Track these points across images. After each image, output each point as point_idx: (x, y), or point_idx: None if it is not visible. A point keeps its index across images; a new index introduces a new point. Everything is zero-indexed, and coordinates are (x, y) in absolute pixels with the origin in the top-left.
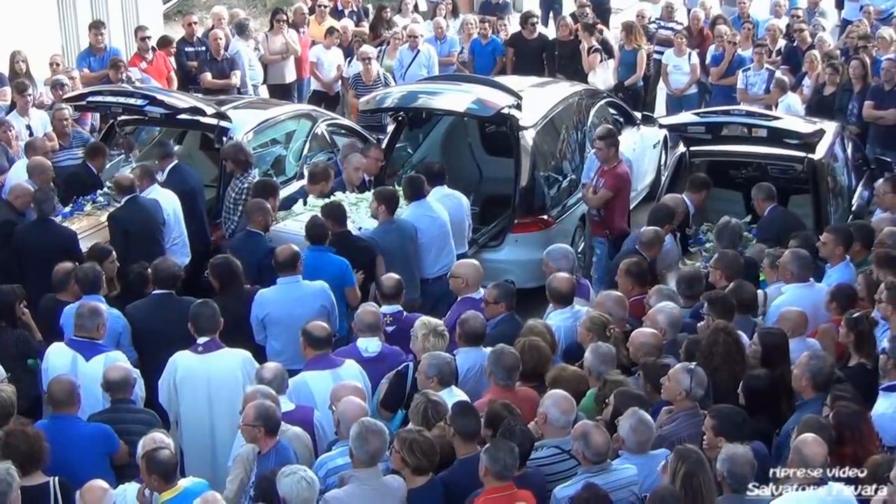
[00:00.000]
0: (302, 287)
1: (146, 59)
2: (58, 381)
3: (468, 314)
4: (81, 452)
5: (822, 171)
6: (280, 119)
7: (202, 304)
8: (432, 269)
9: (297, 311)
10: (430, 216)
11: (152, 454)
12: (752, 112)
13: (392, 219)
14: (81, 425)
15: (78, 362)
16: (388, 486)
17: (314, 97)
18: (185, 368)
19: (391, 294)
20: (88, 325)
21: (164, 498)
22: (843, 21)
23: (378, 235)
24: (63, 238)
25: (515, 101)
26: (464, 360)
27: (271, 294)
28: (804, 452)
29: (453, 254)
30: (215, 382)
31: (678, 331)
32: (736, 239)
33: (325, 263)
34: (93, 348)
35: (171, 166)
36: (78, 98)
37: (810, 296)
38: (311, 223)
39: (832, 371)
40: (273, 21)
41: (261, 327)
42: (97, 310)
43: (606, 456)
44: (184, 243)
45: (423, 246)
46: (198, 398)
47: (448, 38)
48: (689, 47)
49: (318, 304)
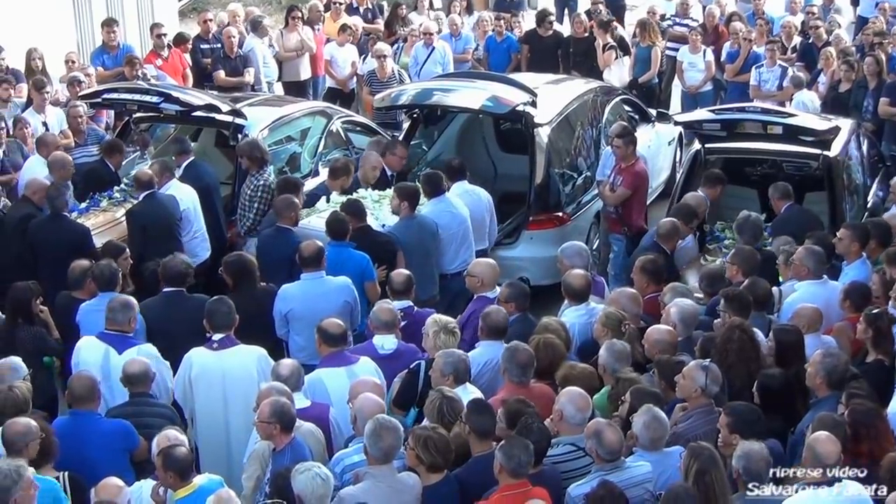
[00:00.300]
0: (326, 283)
1: (162, 57)
2: (78, 376)
3: (492, 308)
4: (101, 448)
5: (837, 168)
6: (295, 116)
7: (217, 301)
8: (451, 265)
9: (320, 306)
10: (450, 212)
11: (169, 451)
12: (767, 109)
13: (413, 215)
14: (101, 421)
15: (110, 356)
16: (403, 482)
17: (329, 94)
18: (200, 365)
19: (402, 290)
20: (120, 319)
21: (178, 496)
22: (858, 18)
23: (399, 231)
24: (76, 234)
25: (530, 98)
26: (483, 353)
27: (295, 289)
28: (817, 450)
29: (472, 249)
30: (230, 379)
31: (693, 328)
32: (758, 232)
33: (347, 259)
34: (124, 342)
35: (188, 162)
36: (93, 95)
37: (823, 293)
38: (332, 218)
39: (847, 369)
40: (288, 18)
41: (283, 322)
42: (129, 303)
43: (620, 454)
44: (203, 237)
45: (443, 242)
46: (213, 395)
47: (463, 35)
48: (703, 44)
49: (342, 299)
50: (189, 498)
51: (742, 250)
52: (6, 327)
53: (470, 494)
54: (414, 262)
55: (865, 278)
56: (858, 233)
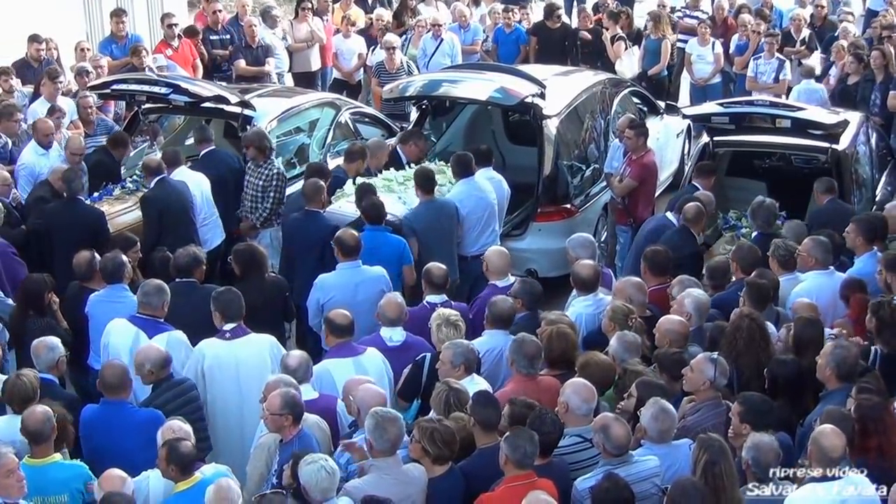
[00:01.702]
0: (363, 272)
1: (172, 47)
2: (110, 365)
3: (498, 297)
4: (134, 438)
5: (845, 161)
6: (304, 107)
7: (227, 291)
8: (472, 248)
9: (359, 295)
10: (477, 195)
11: (174, 444)
12: (775, 103)
13: (432, 198)
14: (134, 410)
15: (140, 339)
16: (408, 474)
17: (335, 85)
18: (212, 356)
19: (439, 283)
20: (155, 303)
21: (179, 488)
22: (867, 11)
23: (415, 215)
24: (91, 217)
25: (539, 89)
26: (486, 342)
27: (333, 279)
28: (822, 444)
29: (496, 233)
30: (244, 368)
31: (705, 318)
32: (771, 217)
33: (383, 243)
34: (156, 327)
35: (208, 150)
36: (103, 86)
37: (830, 284)
38: (369, 203)
39: (857, 361)
40: (298, 9)
41: (318, 312)
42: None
43: (627, 448)
44: (216, 223)
45: (468, 223)
46: (227, 384)
47: (472, 26)
48: (712, 37)
49: (379, 288)
50: (189, 491)
51: (741, 247)
52: (18, 317)
53: (475, 487)
54: (432, 246)
55: (872, 272)
56: (863, 226)
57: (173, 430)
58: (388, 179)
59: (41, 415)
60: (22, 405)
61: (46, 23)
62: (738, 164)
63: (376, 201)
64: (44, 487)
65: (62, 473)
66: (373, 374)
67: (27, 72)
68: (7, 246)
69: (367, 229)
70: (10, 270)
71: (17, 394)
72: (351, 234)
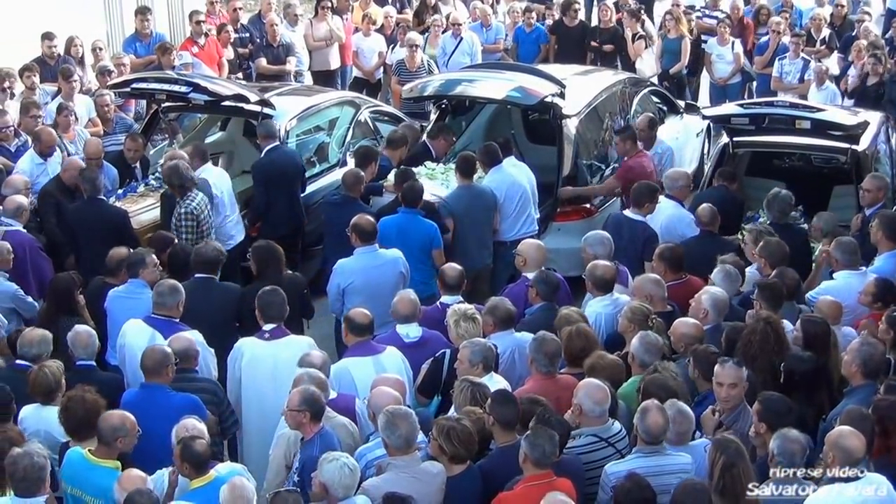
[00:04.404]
0: (381, 255)
1: (198, 44)
2: (151, 349)
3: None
4: (171, 422)
5: (865, 162)
6: (324, 106)
7: (271, 293)
8: (509, 233)
9: (379, 279)
10: (509, 181)
11: (188, 442)
12: (795, 104)
13: (470, 183)
14: (172, 395)
15: (156, 340)
16: (426, 471)
17: (355, 84)
18: (250, 355)
19: (454, 284)
20: (169, 303)
21: (193, 485)
22: (888, 11)
23: (452, 198)
24: (115, 216)
25: (559, 89)
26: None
27: (353, 263)
28: (843, 445)
29: (533, 219)
30: (281, 369)
31: (723, 317)
32: (786, 208)
33: (415, 226)
34: (171, 327)
35: (271, 147)
36: (122, 84)
37: (859, 284)
38: (408, 186)
39: (883, 358)
40: (318, 7)
41: (339, 296)
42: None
43: (659, 438)
44: (238, 220)
45: (505, 210)
46: (264, 384)
47: (494, 25)
48: (731, 36)
49: (398, 270)
50: (204, 489)
51: (769, 242)
52: (46, 316)
53: (493, 485)
54: (467, 229)
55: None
56: (886, 223)
57: (187, 429)
58: (430, 169)
59: (118, 420)
60: (46, 396)
61: (66, 21)
62: (757, 164)
63: (415, 185)
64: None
65: (107, 480)
66: (392, 373)
67: (44, 70)
68: (34, 241)
69: (401, 211)
70: (36, 266)
71: (41, 385)
72: (367, 220)
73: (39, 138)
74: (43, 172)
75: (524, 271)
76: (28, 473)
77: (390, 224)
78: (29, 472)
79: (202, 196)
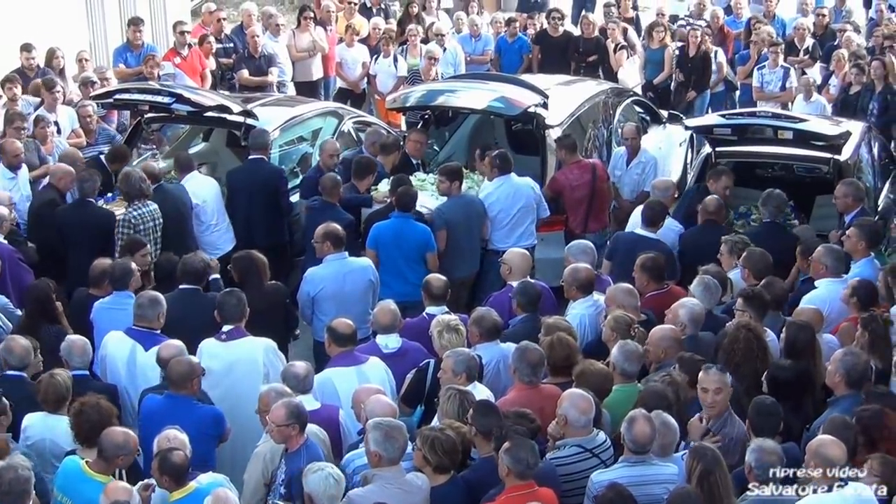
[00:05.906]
0: (350, 263)
1: (181, 55)
2: (178, 361)
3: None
4: (196, 434)
5: (847, 171)
6: (307, 117)
7: (227, 294)
8: (504, 242)
9: (349, 286)
10: (512, 191)
11: (166, 455)
12: (777, 114)
13: (460, 194)
14: (196, 407)
15: (137, 352)
16: (412, 483)
17: (340, 95)
18: (208, 356)
19: (439, 295)
20: (149, 315)
21: (174, 497)
22: (870, 21)
23: (445, 208)
24: (102, 219)
25: (542, 99)
26: (482, 355)
27: (323, 271)
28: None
29: (532, 231)
30: (237, 369)
31: (699, 328)
32: (782, 205)
33: (409, 230)
34: (151, 339)
35: (254, 157)
36: (105, 95)
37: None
38: (403, 191)
39: (866, 368)
40: (300, 18)
41: (309, 304)
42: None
43: (646, 447)
44: (226, 230)
45: (497, 219)
46: (220, 384)
47: (483, 35)
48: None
49: (367, 278)
50: (184, 500)
51: (753, 253)
52: (26, 324)
53: (477, 495)
54: (459, 238)
55: (871, 277)
56: (865, 231)
57: (168, 440)
58: (420, 180)
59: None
60: (56, 405)
61: (49, 32)
62: (740, 175)
63: (409, 191)
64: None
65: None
66: (375, 383)
67: (24, 81)
68: (14, 251)
69: (394, 216)
70: (15, 277)
71: (52, 393)
72: (338, 228)
73: (4, 151)
74: (14, 187)
75: (509, 280)
76: (13, 486)
77: (385, 228)
78: (14, 486)
79: (151, 209)
